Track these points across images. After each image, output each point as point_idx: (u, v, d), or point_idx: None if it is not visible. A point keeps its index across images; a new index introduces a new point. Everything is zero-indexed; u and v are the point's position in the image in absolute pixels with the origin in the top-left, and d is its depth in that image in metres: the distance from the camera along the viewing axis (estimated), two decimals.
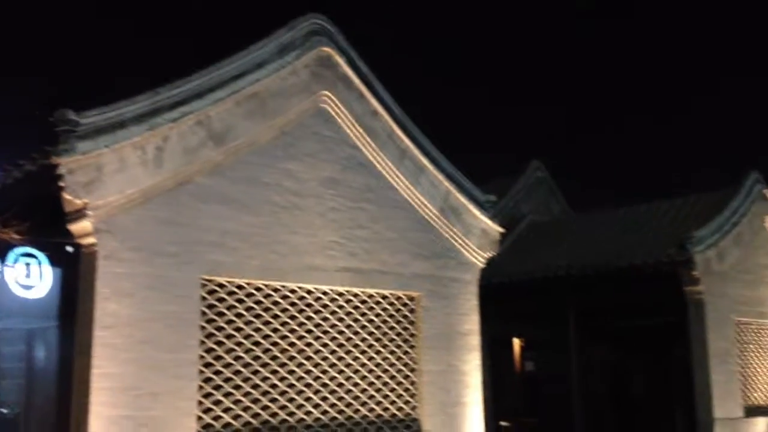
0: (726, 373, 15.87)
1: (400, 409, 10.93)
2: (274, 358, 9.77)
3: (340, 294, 10.55)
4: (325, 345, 10.28)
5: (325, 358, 10.25)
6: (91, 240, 8.53)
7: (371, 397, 10.64)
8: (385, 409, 10.76)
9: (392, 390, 10.90)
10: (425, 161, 11.61)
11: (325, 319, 10.34)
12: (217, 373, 9.28)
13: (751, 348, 16.77)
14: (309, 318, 10.18)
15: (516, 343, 26.72)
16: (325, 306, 10.36)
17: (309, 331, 10.15)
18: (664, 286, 16.10)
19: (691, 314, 15.84)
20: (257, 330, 9.68)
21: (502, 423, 24.64)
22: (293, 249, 10.04)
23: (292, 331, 9.99)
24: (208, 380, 9.18)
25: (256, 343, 9.65)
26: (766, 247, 17.60)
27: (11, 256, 8.39)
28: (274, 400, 9.67)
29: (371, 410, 10.59)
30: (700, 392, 15.54)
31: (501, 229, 12.64)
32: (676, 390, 19.41)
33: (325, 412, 10.10)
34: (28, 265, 8.50)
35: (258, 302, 9.75)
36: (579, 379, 17.83)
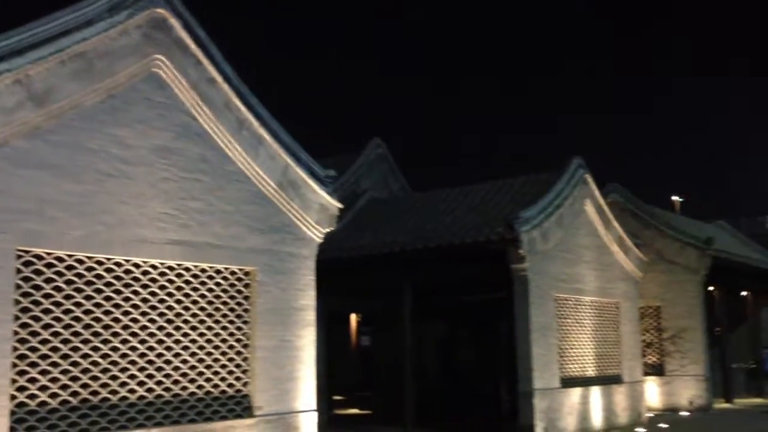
0: (546, 346, 16.83)
1: (230, 385, 10.74)
2: (96, 334, 9.28)
3: (171, 268, 10.17)
4: (152, 320, 9.89)
5: (152, 334, 9.86)
6: None
7: (200, 373, 10.37)
8: (215, 386, 10.53)
9: (223, 366, 10.68)
10: (264, 133, 11.38)
11: (153, 293, 9.94)
12: (33, 349, 8.70)
13: (568, 323, 17.87)
14: (136, 292, 9.75)
15: (353, 318, 27.11)
16: (153, 280, 9.96)
17: (135, 306, 9.72)
18: (493, 263, 16.81)
19: (516, 290, 16.64)
20: (78, 304, 9.15)
21: (336, 397, 24.97)
22: (120, 220, 9.55)
23: (117, 306, 9.53)
24: (22, 357, 8.60)
25: (77, 319, 9.12)
26: (586, 228, 18.78)
27: None
28: (95, 378, 9.20)
29: (200, 387, 10.33)
30: (522, 364, 16.39)
31: (340, 205, 12.66)
32: (501, 362, 20.42)
33: (150, 390, 9.74)
34: None
35: (79, 275, 9.20)
36: (412, 353, 18.28)
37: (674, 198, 31.50)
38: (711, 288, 24.97)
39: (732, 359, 26.62)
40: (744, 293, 28.34)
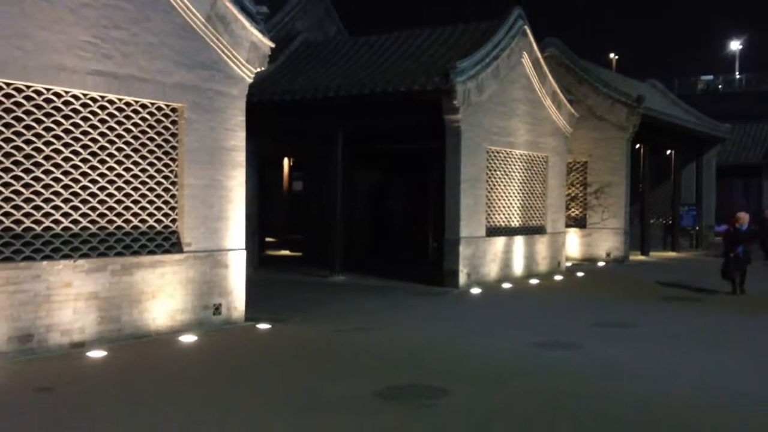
0: (474, 197, 17.24)
1: (159, 221, 10.75)
2: (17, 163, 9.07)
3: (94, 100, 9.86)
4: (76, 152, 9.69)
5: (75, 167, 9.69)
6: None
7: (127, 208, 10.33)
8: (143, 221, 10.53)
9: (151, 202, 10.64)
10: None
11: (76, 125, 9.68)
12: None
13: (498, 175, 18.26)
14: (57, 123, 9.48)
15: (285, 163, 27.12)
16: (76, 111, 9.67)
17: (57, 137, 9.48)
18: (427, 114, 16.83)
19: (449, 142, 16.80)
20: None
21: (268, 239, 25.37)
22: (38, 46, 9.11)
23: (38, 135, 9.28)
24: None
25: None
26: (520, 81, 18.83)
27: None
28: (17, 207, 9.08)
29: (127, 222, 10.32)
30: (450, 214, 16.83)
31: (272, 44, 12.30)
32: (431, 211, 20.91)
33: (75, 222, 9.69)
34: None
35: None
36: (342, 199, 18.52)
37: (611, 55, 31.68)
38: (638, 146, 25.71)
39: (652, 215, 27.86)
40: (669, 152, 29.28)
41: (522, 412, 7.20)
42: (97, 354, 9.26)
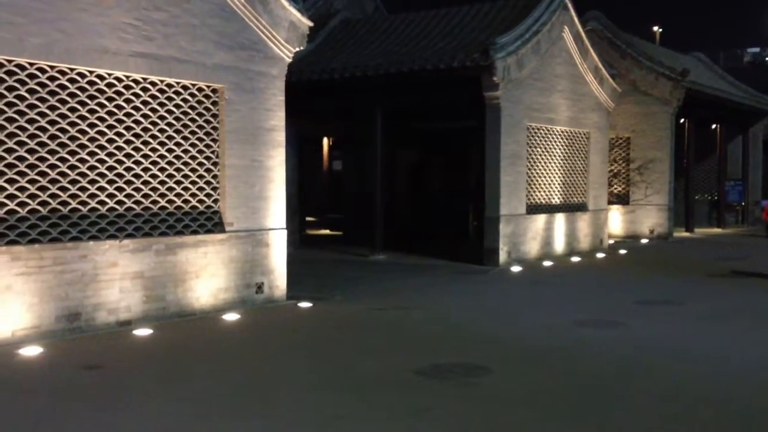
0: (514, 174, 17.11)
1: (201, 201, 10.88)
2: (62, 144, 9.23)
3: (136, 81, 9.97)
4: (119, 134, 9.83)
5: (119, 148, 9.83)
6: None
7: (170, 189, 10.46)
8: (186, 202, 10.66)
9: (193, 183, 10.76)
10: None
11: (119, 107, 9.81)
12: None
13: (538, 152, 18.08)
14: (101, 105, 9.61)
15: (325, 142, 27.17)
16: (119, 93, 9.79)
17: (101, 119, 9.62)
18: (466, 90, 16.71)
19: (489, 118, 16.66)
20: (42, 114, 9.03)
21: (309, 218, 25.51)
22: (80, 28, 9.23)
23: (82, 117, 9.42)
24: None
25: (42, 129, 9.04)
26: (561, 56, 18.56)
27: None
28: (63, 189, 9.26)
29: (170, 202, 10.46)
30: (490, 191, 16.73)
31: (310, 23, 12.30)
32: (471, 189, 20.78)
33: (120, 203, 9.85)
34: None
35: (42, 85, 9.01)
36: (382, 177, 18.52)
37: (654, 29, 31.03)
38: (682, 120, 25.21)
39: (697, 191, 27.36)
40: (714, 126, 28.67)
41: (564, 391, 7.16)
42: (143, 332, 9.43)
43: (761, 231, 24.98)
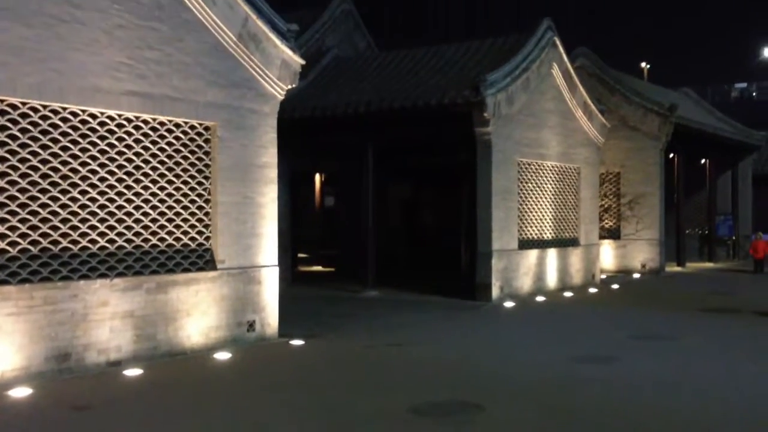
0: (506, 209, 17.15)
1: (193, 239, 10.83)
2: (53, 184, 9.21)
3: (129, 120, 9.99)
4: (111, 173, 9.81)
5: (111, 186, 9.81)
6: None
7: (162, 227, 10.42)
8: (177, 240, 10.61)
9: (185, 220, 10.73)
10: None
11: (111, 145, 9.81)
12: None
13: (529, 187, 18.14)
14: (93, 144, 9.61)
15: (317, 178, 27.22)
16: (111, 132, 9.80)
17: (93, 158, 9.61)
18: (457, 126, 16.81)
19: (480, 154, 16.74)
20: (34, 154, 9.02)
21: (301, 255, 25.44)
22: (74, 68, 9.26)
23: (74, 156, 9.41)
24: None
25: (33, 168, 9.02)
26: (551, 92, 18.73)
27: None
28: (54, 228, 9.21)
29: (162, 240, 10.41)
30: (482, 226, 16.74)
31: (302, 61, 12.39)
32: (463, 224, 20.80)
33: (111, 241, 9.79)
34: None
35: (34, 124, 9.02)
36: (374, 212, 18.52)
37: (642, 65, 31.39)
38: (671, 155, 25.39)
39: (687, 225, 27.45)
40: (703, 161, 28.88)
41: (559, 428, 7.09)
42: (133, 372, 9.32)
43: (751, 266, 25.04)
